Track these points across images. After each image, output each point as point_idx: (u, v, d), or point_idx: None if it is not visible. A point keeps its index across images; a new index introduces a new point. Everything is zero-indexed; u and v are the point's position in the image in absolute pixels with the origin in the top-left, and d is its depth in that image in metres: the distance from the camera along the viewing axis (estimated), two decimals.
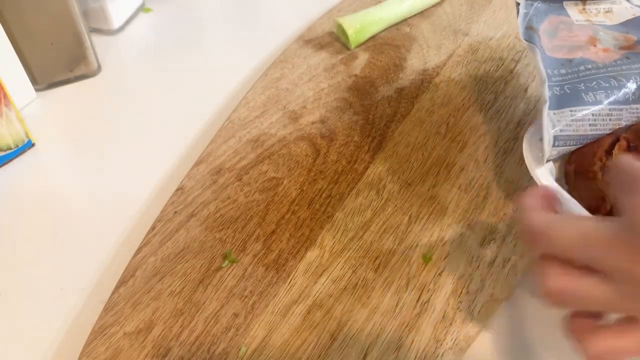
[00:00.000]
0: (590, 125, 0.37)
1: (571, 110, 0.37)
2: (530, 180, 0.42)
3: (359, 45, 0.55)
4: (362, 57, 0.54)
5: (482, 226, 0.39)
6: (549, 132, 0.37)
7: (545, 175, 0.37)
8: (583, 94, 0.38)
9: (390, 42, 0.56)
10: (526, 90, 0.50)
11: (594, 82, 0.39)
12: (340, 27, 0.55)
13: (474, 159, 0.44)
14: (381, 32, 0.57)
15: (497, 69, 0.52)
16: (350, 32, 0.54)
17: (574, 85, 0.39)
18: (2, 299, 0.38)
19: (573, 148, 0.37)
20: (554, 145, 0.37)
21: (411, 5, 0.58)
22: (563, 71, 0.40)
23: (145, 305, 0.35)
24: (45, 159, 0.47)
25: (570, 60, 0.40)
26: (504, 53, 0.54)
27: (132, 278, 0.36)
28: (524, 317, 0.35)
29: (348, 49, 0.55)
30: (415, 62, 0.53)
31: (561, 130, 0.37)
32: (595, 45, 0.41)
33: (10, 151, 0.46)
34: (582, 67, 0.40)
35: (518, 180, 0.42)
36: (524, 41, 0.43)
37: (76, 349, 0.33)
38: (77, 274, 0.39)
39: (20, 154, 0.47)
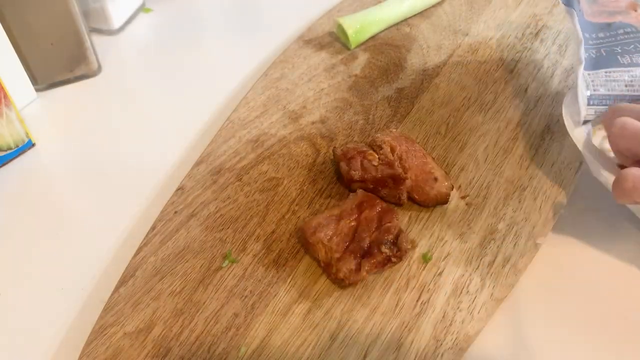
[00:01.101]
0: (626, 86, 0.37)
1: (606, 72, 0.38)
2: (530, 180, 0.42)
3: (359, 45, 0.55)
4: (362, 57, 0.54)
5: (482, 226, 0.39)
6: (583, 92, 0.38)
7: (583, 135, 0.38)
8: (619, 56, 0.39)
9: (390, 42, 0.56)
10: (526, 90, 0.50)
11: (632, 46, 0.39)
12: (340, 27, 0.55)
13: (474, 159, 0.44)
14: (381, 32, 0.57)
15: (497, 69, 0.52)
16: (350, 32, 0.54)
17: (611, 48, 0.39)
18: (2, 299, 0.38)
19: None
20: (588, 104, 0.38)
21: (411, 5, 0.58)
22: (601, 34, 0.40)
23: (146, 305, 0.35)
24: (45, 159, 0.47)
25: (609, 25, 0.41)
26: (504, 53, 0.54)
27: (132, 278, 0.36)
28: (524, 317, 0.35)
29: (348, 49, 0.55)
30: (415, 62, 0.53)
31: (594, 90, 0.38)
32: (635, 10, 0.41)
33: (11, 151, 0.46)
34: (620, 31, 0.40)
35: (518, 180, 0.42)
36: (563, 5, 0.44)
37: (76, 349, 0.33)
38: (77, 274, 0.39)
39: (20, 154, 0.47)
